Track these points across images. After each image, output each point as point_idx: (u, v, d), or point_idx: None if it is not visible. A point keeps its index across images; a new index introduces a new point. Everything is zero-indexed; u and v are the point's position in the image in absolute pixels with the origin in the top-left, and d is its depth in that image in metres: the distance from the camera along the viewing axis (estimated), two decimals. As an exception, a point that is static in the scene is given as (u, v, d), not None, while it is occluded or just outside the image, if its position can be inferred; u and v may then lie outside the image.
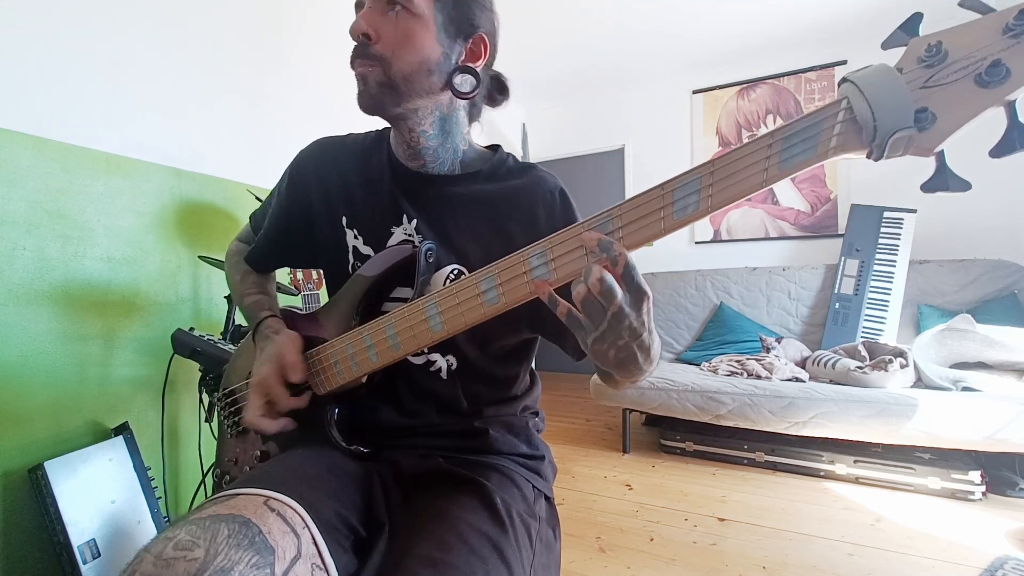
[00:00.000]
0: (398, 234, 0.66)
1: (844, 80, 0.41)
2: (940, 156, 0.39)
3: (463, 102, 0.66)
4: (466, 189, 0.66)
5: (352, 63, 0.59)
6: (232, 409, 0.75)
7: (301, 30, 1.94)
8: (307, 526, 0.47)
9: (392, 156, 0.69)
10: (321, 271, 1.06)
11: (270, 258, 0.79)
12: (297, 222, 0.72)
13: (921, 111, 0.38)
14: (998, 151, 0.37)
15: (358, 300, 0.63)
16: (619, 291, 0.42)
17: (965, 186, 0.39)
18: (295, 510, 0.47)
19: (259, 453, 0.70)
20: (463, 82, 0.62)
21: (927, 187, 0.40)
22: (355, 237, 0.68)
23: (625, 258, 0.42)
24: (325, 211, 0.70)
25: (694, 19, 2.80)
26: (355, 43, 0.59)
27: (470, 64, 0.62)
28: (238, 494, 0.48)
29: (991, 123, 0.39)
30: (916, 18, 0.40)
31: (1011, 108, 0.37)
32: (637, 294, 0.43)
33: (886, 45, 0.41)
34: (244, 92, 1.69)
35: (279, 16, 1.84)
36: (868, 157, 0.40)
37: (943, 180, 0.39)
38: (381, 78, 0.58)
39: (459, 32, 0.61)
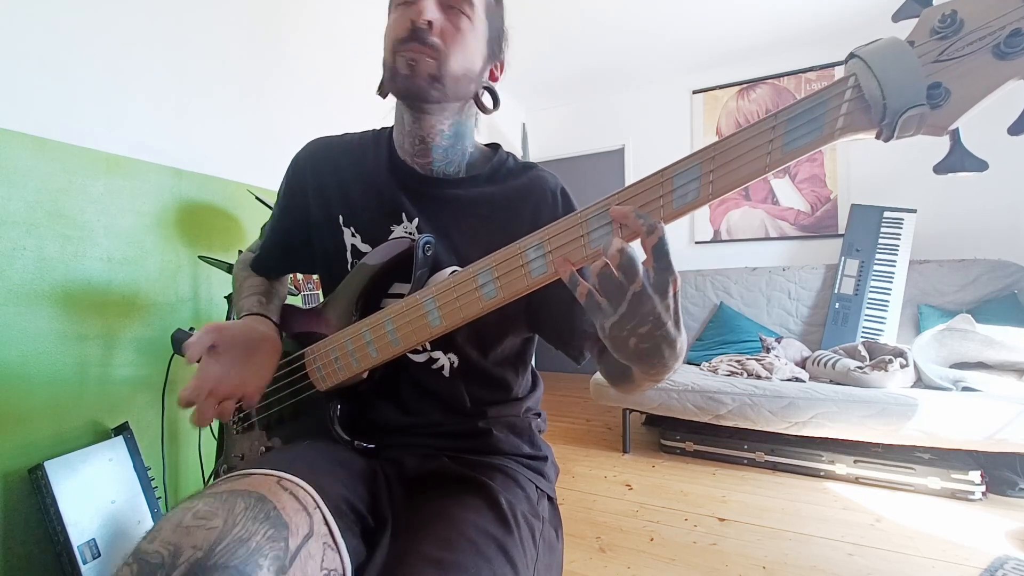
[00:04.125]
0: (398, 232, 0.66)
1: (852, 56, 0.38)
2: (955, 134, 0.37)
3: (475, 111, 0.68)
4: (468, 192, 0.66)
5: (401, 44, 0.57)
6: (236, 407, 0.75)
7: (301, 29, 1.94)
8: (319, 506, 0.47)
9: (394, 154, 0.68)
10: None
11: (274, 262, 0.78)
12: (296, 223, 0.72)
13: (934, 87, 0.35)
14: (1018, 127, 0.35)
15: (359, 290, 0.63)
16: (640, 267, 0.39)
17: (982, 166, 0.36)
18: (307, 491, 0.48)
19: (264, 449, 0.70)
20: (486, 98, 0.65)
21: (941, 167, 0.38)
22: (353, 235, 0.67)
23: (662, 230, 0.39)
24: (322, 210, 0.69)
25: (694, 19, 2.80)
26: (411, 28, 0.56)
27: (491, 83, 0.65)
28: (251, 473, 0.48)
29: (1008, 105, 0.37)
30: None
31: None
32: (664, 274, 0.39)
33: (897, 16, 0.39)
34: (244, 92, 1.69)
35: (278, 15, 1.84)
36: (878, 138, 0.38)
37: (959, 160, 0.37)
38: (434, 70, 0.57)
39: (493, 51, 0.64)
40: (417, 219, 0.65)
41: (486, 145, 0.73)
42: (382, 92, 0.64)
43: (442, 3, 0.58)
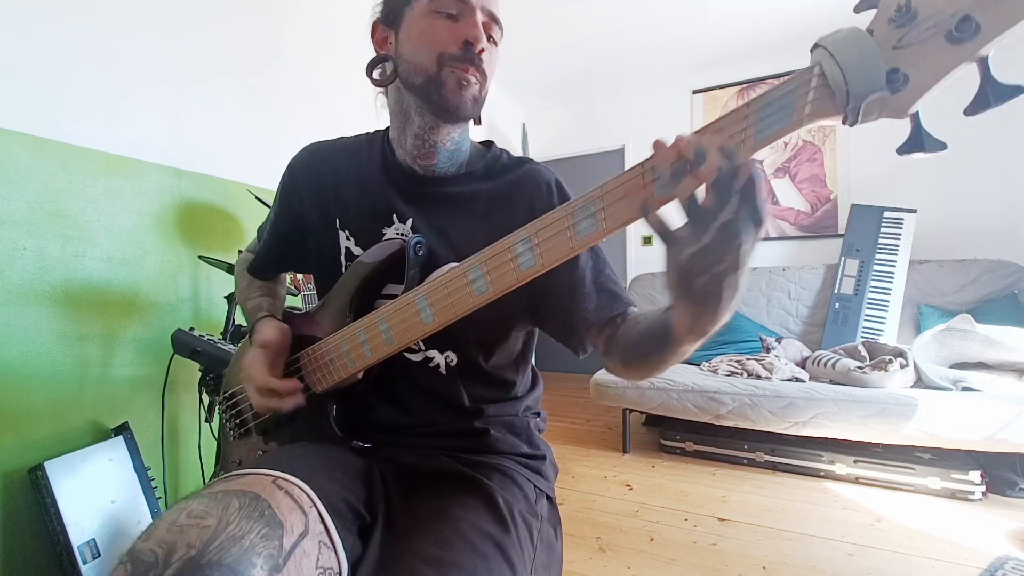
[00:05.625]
0: (390, 234, 0.66)
1: (816, 45, 0.40)
2: (915, 117, 0.39)
3: None
4: (463, 188, 0.66)
5: (454, 60, 0.58)
6: (234, 411, 0.75)
7: (300, 30, 1.94)
8: (314, 505, 0.47)
9: (388, 156, 0.69)
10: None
11: (270, 265, 0.80)
12: (292, 227, 0.73)
13: (893, 72, 0.37)
14: (973, 108, 0.36)
15: (353, 291, 0.63)
16: (735, 191, 0.36)
17: (940, 146, 0.38)
18: (303, 490, 0.48)
19: (261, 453, 0.70)
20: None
21: (902, 150, 0.39)
22: (347, 238, 0.68)
23: (751, 169, 0.36)
24: (318, 214, 0.70)
25: (694, 19, 2.80)
26: (464, 46, 0.57)
27: None
28: (247, 474, 0.49)
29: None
30: None
31: (984, 64, 0.36)
32: (756, 214, 0.36)
33: (858, 8, 0.41)
34: (244, 92, 1.69)
35: (278, 16, 1.84)
36: (844, 122, 0.39)
37: (918, 141, 0.39)
38: (477, 93, 0.62)
39: None
40: (411, 220, 0.65)
41: (479, 142, 0.73)
42: (386, 83, 0.63)
43: (486, 30, 0.61)
